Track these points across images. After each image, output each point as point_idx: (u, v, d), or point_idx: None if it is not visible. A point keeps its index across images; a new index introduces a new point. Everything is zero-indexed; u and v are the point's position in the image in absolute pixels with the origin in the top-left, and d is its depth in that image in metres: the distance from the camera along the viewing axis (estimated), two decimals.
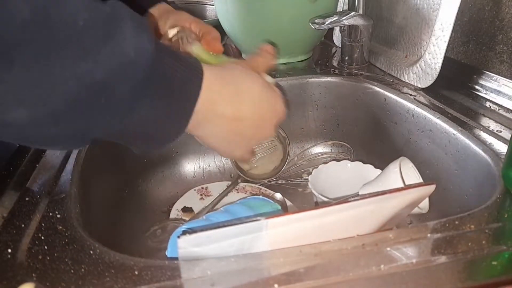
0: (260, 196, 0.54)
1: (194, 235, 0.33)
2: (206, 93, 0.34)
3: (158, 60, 0.30)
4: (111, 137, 0.33)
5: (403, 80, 0.69)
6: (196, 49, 0.45)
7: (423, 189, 0.40)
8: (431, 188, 0.40)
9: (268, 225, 0.33)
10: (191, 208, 0.64)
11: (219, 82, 0.36)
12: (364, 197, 0.36)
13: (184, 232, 0.33)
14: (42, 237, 0.37)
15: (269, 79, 0.44)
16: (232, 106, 0.37)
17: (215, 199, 0.65)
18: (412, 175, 0.51)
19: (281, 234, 0.34)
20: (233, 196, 0.68)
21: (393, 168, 0.49)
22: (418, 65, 0.66)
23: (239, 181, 0.71)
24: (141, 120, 0.31)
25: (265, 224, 0.33)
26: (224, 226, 0.33)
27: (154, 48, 0.29)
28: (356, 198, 0.36)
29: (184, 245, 0.33)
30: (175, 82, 0.32)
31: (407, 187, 0.39)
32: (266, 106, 0.40)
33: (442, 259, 0.32)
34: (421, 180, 0.50)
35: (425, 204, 0.49)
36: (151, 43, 0.29)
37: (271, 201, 0.52)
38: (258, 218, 0.33)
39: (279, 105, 0.42)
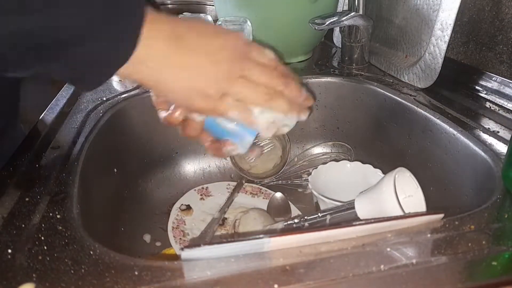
0: None
1: (197, 249, 0.33)
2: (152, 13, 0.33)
3: None
4: (58, 65, 0.32)
5: (403, 80, 0.69)
6: None
7: (429, 217, 0.38)
8: (438, 217, 0.38)
9: (270, 243, 0.34)
10: (188, 205, 0.65)
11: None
12: (368, 222, 0.36)
13: (188, 245, 0.33)
14: (42, 237, 0.36)
15: None
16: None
17: (224, 204, 0.65)
18: (411, 185, 0.49)
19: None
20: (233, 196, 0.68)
21: (387, 182, 0.46)
22: (418, 65, 0.66)
23: (244, 182, 0.70)
24: (92, 37, 0.31)
25: (267, 241, 0.34)
26: (227, 242, 0.34)
27: None
28: (360, 222, 0.36)
29: (187, 258, 0.34)
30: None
31: (414, 214, 0.38)
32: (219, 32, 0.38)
33: (442, 259, 0.32)
34: (419, 189, 0.48)
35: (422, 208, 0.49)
36: None
37: None
38: (262, 236, 0.34)
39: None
